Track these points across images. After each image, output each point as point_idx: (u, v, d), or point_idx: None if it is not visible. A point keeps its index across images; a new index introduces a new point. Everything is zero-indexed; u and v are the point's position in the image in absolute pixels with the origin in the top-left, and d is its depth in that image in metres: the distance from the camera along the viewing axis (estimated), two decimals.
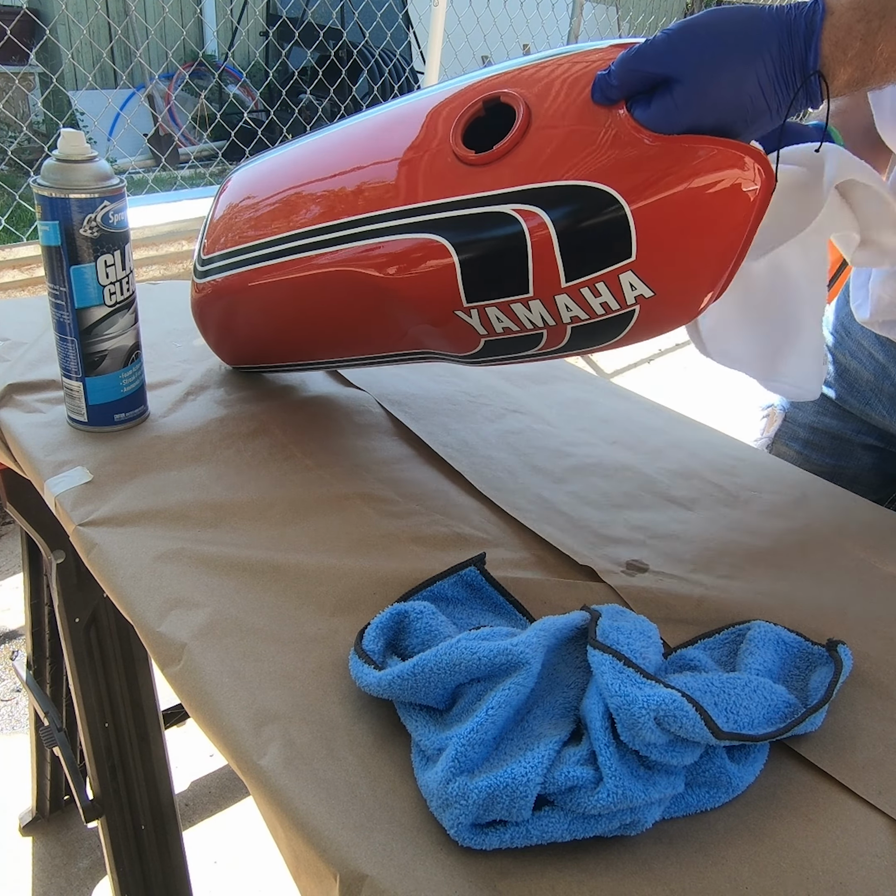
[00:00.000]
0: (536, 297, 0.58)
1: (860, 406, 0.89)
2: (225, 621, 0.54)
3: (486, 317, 0.61)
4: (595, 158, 0.55)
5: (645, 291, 0.57)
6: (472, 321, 0.62)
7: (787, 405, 0.96)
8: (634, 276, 0.56)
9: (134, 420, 0.74)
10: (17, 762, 1.50)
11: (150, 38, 4.70)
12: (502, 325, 0.61)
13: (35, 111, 4.60)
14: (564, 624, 0.49)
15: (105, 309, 0.68)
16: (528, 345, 0.63)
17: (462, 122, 0.61)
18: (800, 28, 0.50)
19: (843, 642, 0.52)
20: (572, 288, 0.57)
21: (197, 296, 0.78)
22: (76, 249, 0.65)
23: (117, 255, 0.66)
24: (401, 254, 0.62)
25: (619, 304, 0.58)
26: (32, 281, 2.14)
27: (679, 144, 0.53)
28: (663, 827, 0.43)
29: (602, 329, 0.60)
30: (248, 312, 0.76)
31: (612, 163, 0.55)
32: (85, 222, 0.64)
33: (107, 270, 0.66)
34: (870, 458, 0.90)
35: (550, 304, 0.59)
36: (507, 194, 0.57)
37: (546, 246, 0.56)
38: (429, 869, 0.40)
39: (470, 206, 0.59)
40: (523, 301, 0.59)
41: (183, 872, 1.03)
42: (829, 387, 0.92)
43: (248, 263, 0.71)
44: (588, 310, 0.58)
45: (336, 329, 0.72)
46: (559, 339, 0.62)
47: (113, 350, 0.70)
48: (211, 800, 1.46)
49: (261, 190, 0.74)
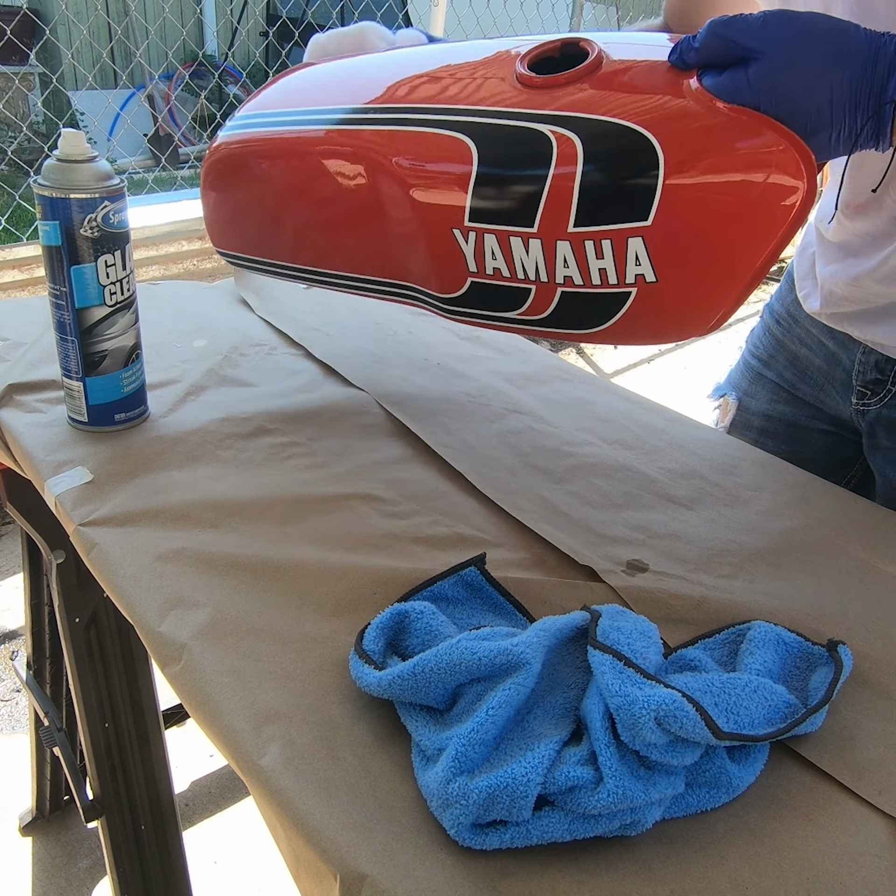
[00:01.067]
0: (539, 235, 0.56)
1: (814, 393, 0.89)
2: (225, 621, 0.54)
3: (481, 246, 0.59)
4: (651, 108, 0.54)
5: (647, 272, 0.55)
6: (467, 248, 0.60)
7: (739, 394, 0.97)
8: (643, 246, 0.54)
9: (134, 420, 0.74)
10: (17, 762, 1.50)
11: (150, 39, 4.69)
12: (495, 263, 0.59)
13: (35, 111, 4.60)
14: (564, 624, 0.49)
15: (105, 309, 0.68)
16: (511, 302, 0.61)
17: (533, 53, 0.60)
18: (888, 54, 0.49)
19: (844, 642, 0.52)
20: (577, 236, 0.55)
21: (213, 157, 0.76)
22: (76, 249, 0.65)
23: (118, 255, 0.66)
24: (424, 145, 0.60)
25: (618, 277, 0.55)
26: (32, 281, 2.14)
27: (740, 115, 0.51)
28: (663, 827, 0.43)
29: (591, 306, 0.58)
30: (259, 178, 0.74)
31: (664, 114, 0.53)
32: (85, 222, 0.64)
33: (107, 270, 0.66)
34: (824, 443, 0.91)
35: (550, 249, 0.56)
36: (550, 116, 0.56)
37: (567, 180, 0.54)
38: (429, 869, 0.40)
39: (511, 118, 0.57)
40: (524, 236, 0.57)
41: (183, 872, 1.03)
42: (779, 375, 0.92)
43: (279, 125, 0.71)
44: (584, 271, 0.56)
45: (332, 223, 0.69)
46: (545, 304, 0.59)
47: (113, 350, 0.70)
48: (211, 800, 1.46)
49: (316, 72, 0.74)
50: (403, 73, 0.68)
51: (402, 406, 0.82)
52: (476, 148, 0.58)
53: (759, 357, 0.94)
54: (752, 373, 0.96)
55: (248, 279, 1.08)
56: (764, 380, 0.94)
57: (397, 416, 0.80)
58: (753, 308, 3.83)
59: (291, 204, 0.72)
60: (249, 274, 1.09)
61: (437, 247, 0.62)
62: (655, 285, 0.55)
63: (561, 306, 0.59)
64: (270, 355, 0.91)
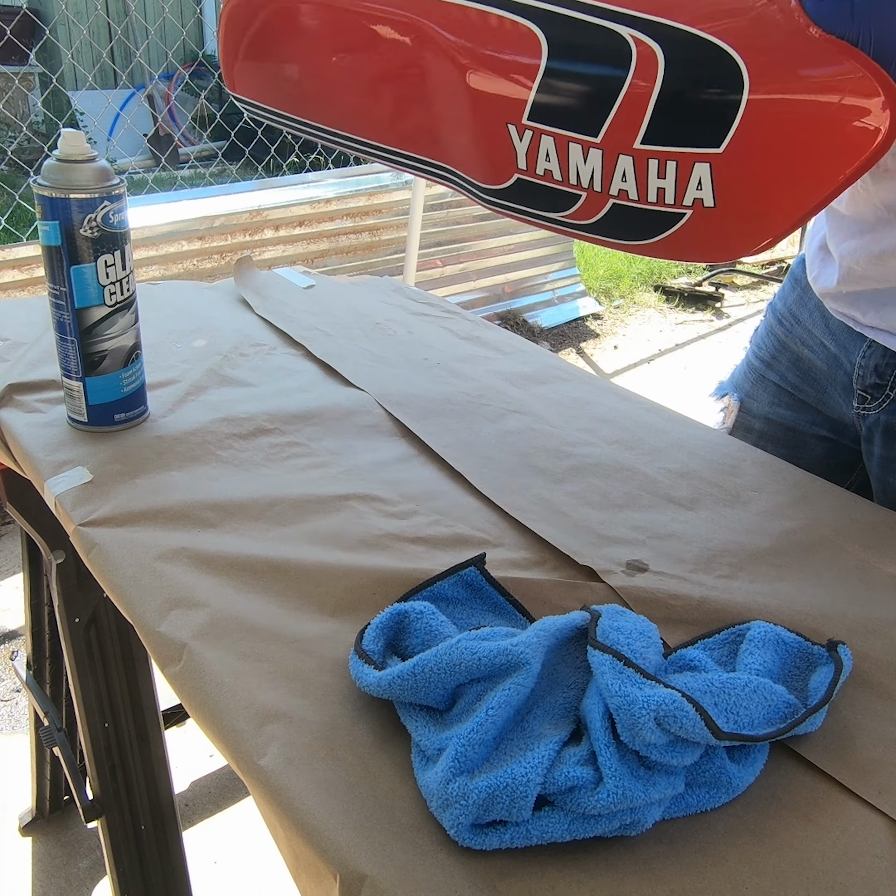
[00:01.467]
0: (602, 145, 0.53)
1: (816, 395, 0.89)
2: (225, 621, 0.54)
3: (536, 146, 0.55)
4: (743, 24, 0.50)
5: (707, 198, 0.51)
6: (520, 146, 0.56)
7: (741, 396, 0.96)
8: (709, 172, 0.51)
9: (134, 420, 0.74)
10: (17, 762, 1.50)
11: (150, 39, 4.70)
12: (547, 165, 0.55)
13: (35, 111, 4.60)
14: (564, 624, 0.49)
15: (105, 309, 0.68)
16: (558, 204, 0.57)
17: None
18: None
19: (843, 642, 0.52)
20: (642, 153, 0.52)
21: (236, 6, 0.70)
22: (76, 249, 0.64)
23: (117, 255, 0.66)
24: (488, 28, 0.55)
25: (676, 198, 0.52)
26: (32, 281, 2.14)
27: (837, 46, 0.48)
28: (663, 827, 0.43)
29: (641, 221, 0.55)
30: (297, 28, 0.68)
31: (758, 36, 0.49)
32: (85, 222, 0.64)
33: (107, 270, 0.66)
34: (822, 449, 0.91)
35: (610, 161, 0.53)
36: (634, 18, 0.51)
37: (644, 90, 0.51)
38: (429, 869, 0.40)
39: (589, 12, 0.52)
40: (585, 144, 0.53)
41: (183, 872, 1.03)
42: (782, 377, 0.92)
43: None
44: (642, 188, 0.53)
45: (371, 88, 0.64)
46: (594, 211, 0.56)
47: (113, 350, 0.70)
48: (211, 800, 1.46)
49: None
50: None
51: (402, 406, 0.82)
52: (547, 40, 0.53)
53: (762, 358, 0.94)
54: (754, 374, 0.95)
55: (248, 279, 1.08)
56: (766, 382, 0.94)
57: (397, 416, 0.80)
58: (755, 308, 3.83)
59: (330, 59, 0.67)
60: (249, 274, 1.09)
61: (487, 139, 0.58)
62: (712, 210, 0.52)
63: (609, 216, 0.56)
64: (270, 355, 0.91)
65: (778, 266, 4.19)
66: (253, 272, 1.10)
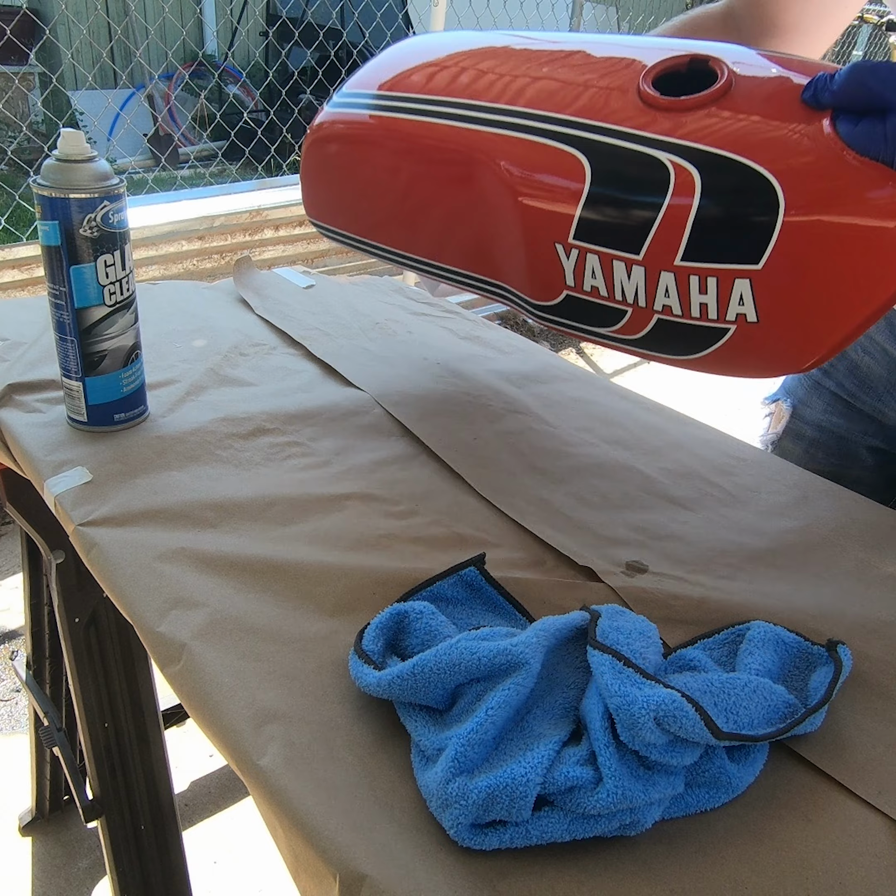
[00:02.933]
0: (644, 263, 0.55)
1: (873, 403, 0.88)
2: (225, 621, 0.54)
3: (582, 264, 0.58)
4: (778, 149, 0.52)
5: (749, 313, 0.53)
6: (567, 263, 0.59)
7: (794, 402, 0.95)
8: (749, 288, 0.52)
9: (134, 420, 0.74)
10: (17, 762, 1.50)
11: (150, 38, 4.69)
12: (594, 282, 0.58)
13: (35, 111, 4.60)
14: (564, 624, 0.49)
15: (105, 309, 0.68)
16: (606, 319, 0.60)
17: (659, 68, 0.58)
18: None
19: (843, 642, 0.52)
20: (683, 270, 0.54)
21: (317, 135, 0.76)
22: (76, 249, 0.64)
23: (117, 254, 0.66)
24: (537, 157, 0.59)
25: (718, 313, 0.54)
26: (32, 281, 2.14)
27: (877, 171, 0.49)
28: (663, 827, 0.43)
29: (686, 336, 0.57)
30: (360, 161, 0.74)
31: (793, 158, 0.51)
32: (85, 222, 0.64)
33: (106, 270, 0.66)
34: (873, 461, 0.90)
35: (653, 278, 0.55)
36: (671, 144, 0.54)
37: (682, 212, 0.53)
38: (429, 869, 0.40)
39: (629, 140, 0.56)
40: (628, 262, 0.56)
41: (183, 872, 1.03)
42: (839, 384, 0.90)
43: (386, 110, 0.71)
44: (685, 304, 0.55)
45: (431, 216, 0.69)
46: (640, 326, 0.58)
47: (113, 350, 0.70)
48: (211, 800, 1.46)
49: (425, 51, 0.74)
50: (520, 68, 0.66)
51: (401, 406, 0.82)
52: (590, 166, 0.57)
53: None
54: (809, 381, 0.94)
55: (248, 279, 1.08)
56: (822, 389, 0.92)
57: (397, 417, 0.80)
58: None
59: (392, 190, 0.71)
60: (249, 274, 1.09)
61: (536, 257, 0.61)
62: (756, 325, 0.54)
63: (655, 331, 0.58)
64: (270, 355, 0.91)
65: None
66: (252, 272, 1.10)
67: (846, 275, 0.51)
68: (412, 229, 0.72)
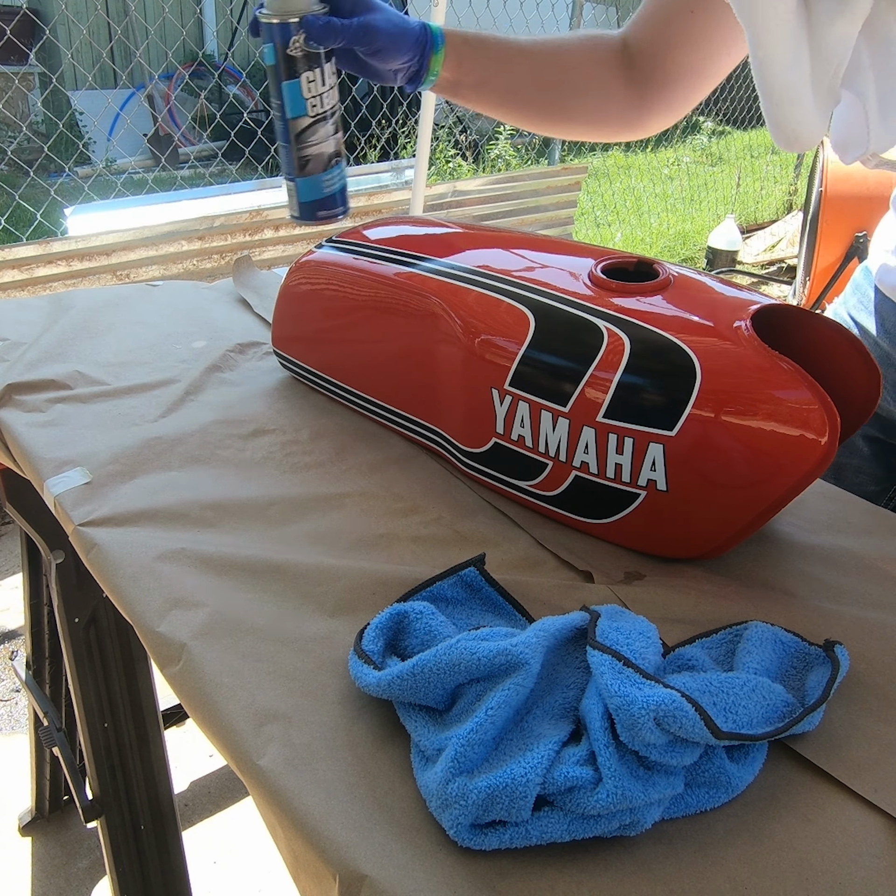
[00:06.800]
0: (569, 415, 0.60)
1: None
2: (225, 621, 0.54)
3: (513, 411, 0.63)
4: (701, 334, 0.58)
5: (660, 481, 0.57)
6: (500, 409, 0.64)
7: None
8: (662, 454, 0.57)
9: (332, 217, 0.79)
10: (17, 762, 1.50)
11: (150, 39, 4.69)
12: (521, 430, 0.63)
13: (35, 111, 4.60)
14: (564, 624, 0.49)
15: (308, 119, 0.74)
16: (528, 472, 0.64)
17: (609, 263, 0.66)
18: None
19: (840, 643, 0.52)
20: (603, 427, 0.58)
21: (290, 284, 0.84)
22: (285, 67, 0.72)
23: (317, 72, 0.73)
24: (489, 308, 0.66)
25: (631, 476, 0.58)
26: (32, 281, 2.14)
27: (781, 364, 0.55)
28: (663, 827, 0.43)
29: (600, 497, 0.61)
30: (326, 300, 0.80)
31: (711, 342, 0.57)
32: (291, 43, 0.70)
33: (309, 86, 0.73)
34: (870, 450, 0.91)
35: (575, 431, 0.60)
36: (609, 315, 0.61)
37: (609, 373, 0.58)
38: (428, 869, 0.40)
39: (573, 306, 0.63)
40: (555, 413, 0.61)
41: (182, 872, 1.03)
42: None
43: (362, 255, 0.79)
44: (602, 462, 0.59)
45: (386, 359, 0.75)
46: (558, 482, 0.63)
47: (316, 155, 0.76)
48: (210, 800, 1.46)
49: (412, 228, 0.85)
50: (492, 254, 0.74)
51: None
52: (535, 322, 0.63)
53: None
54: None
55: (248, 278, 1.08)
56: None
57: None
58: None
59: (352, 332, 0.78)
60: (248, 274, 1.09)
61: (473, 401, 0.66)
62: (665, 495, 0.58)
63: (571, 489, 0.62)
64: (269, 355, 0.91)
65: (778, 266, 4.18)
66: (252, 272, 1.10)
67: (749, 466, 0.56)
68: (370, 372, 0.78)
